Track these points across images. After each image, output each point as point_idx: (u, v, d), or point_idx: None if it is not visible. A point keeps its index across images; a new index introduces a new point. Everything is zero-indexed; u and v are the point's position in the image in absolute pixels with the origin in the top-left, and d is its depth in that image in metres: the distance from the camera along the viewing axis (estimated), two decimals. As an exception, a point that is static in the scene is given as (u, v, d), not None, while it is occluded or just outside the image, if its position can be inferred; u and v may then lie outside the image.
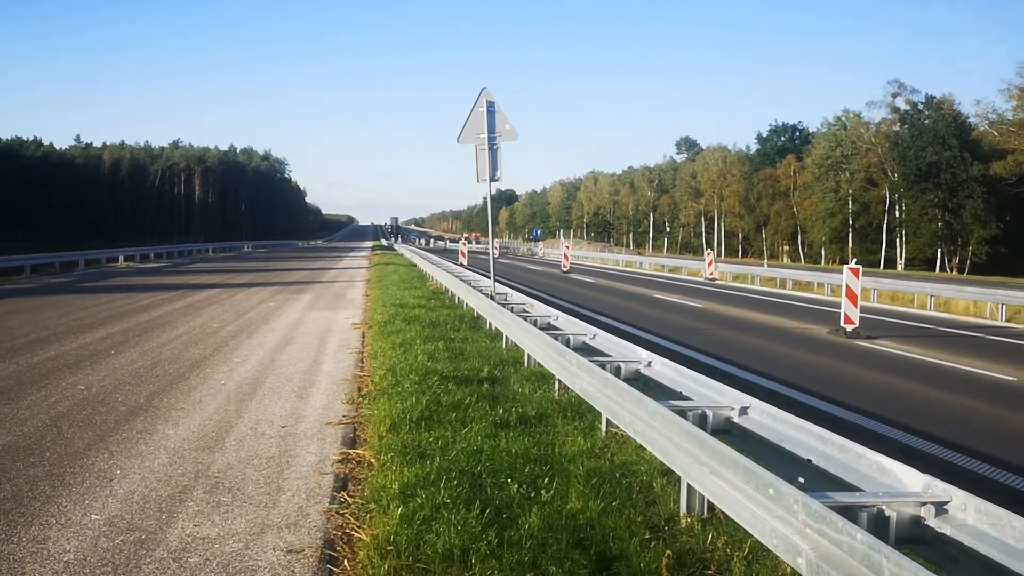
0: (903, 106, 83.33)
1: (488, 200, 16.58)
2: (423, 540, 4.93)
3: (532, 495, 5.83)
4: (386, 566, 4.58)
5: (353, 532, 5.28)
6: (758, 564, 4.73)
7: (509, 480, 6.04)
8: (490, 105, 15.28)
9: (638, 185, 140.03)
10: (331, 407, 8.98)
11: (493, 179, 15.58)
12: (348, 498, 5.93)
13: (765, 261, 79.49)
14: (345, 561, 4.83)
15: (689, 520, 5.47)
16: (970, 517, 3.74)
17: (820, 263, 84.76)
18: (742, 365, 12.97)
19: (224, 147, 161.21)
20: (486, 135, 15.25)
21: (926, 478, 4.07)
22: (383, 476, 6.21)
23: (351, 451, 7.16)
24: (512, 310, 13.76)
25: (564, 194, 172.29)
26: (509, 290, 18.46)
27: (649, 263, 58.73)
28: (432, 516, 5.28)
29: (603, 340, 10.09)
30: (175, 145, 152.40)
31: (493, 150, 15.43)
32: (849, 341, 16.57)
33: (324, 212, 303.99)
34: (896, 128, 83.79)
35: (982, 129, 78.02)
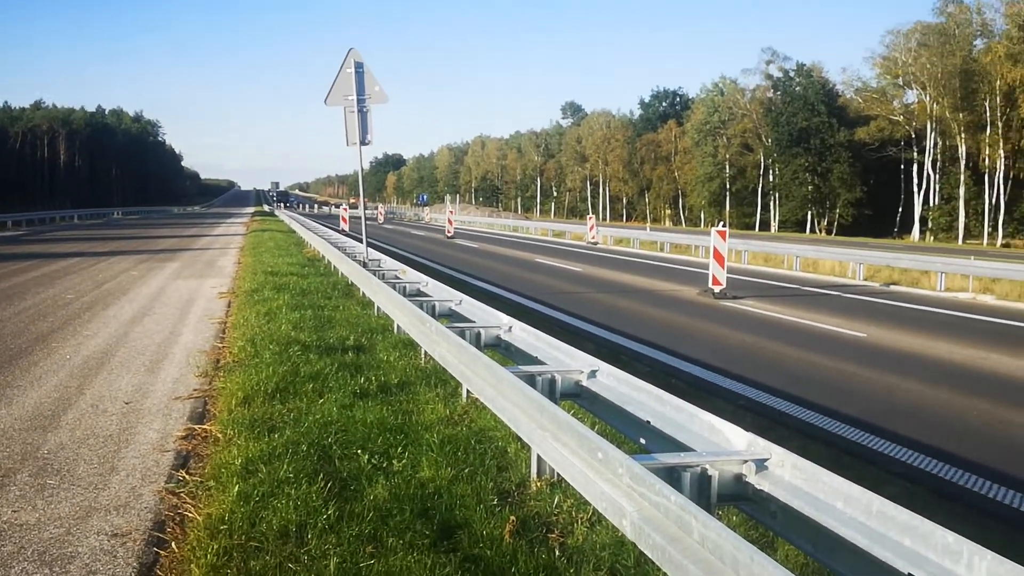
0: (776, 73, 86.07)
1: (359, 163, 16.22)
2: (259, 517, 4.77)
3: (384, 465, 5.73)
4: (216, 546, 4.40)
5: (187, 512, 5.06)
6: (600, 526, 4.77)
7: (360, 451, 5.92)
8: (359, 66, 14.88)
9: (525, 150, 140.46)
10: (183, 381, 8.62)
11: (364, 143, 15.22)
12: (187, 476, 5.69)
13: (648, 225, 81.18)
14: (174, 543, 4.63)
15: (539, 484, 5.48)
16: (787, 473, 3.84)
17: (700, 226, 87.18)
18: (611, 327, 13.17)
19: (91, 108, 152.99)
20: (355, 97, 14.86)
21: (750, 436, 4.17)
22: (227, 452, 5.98)
23: (197, 427, 6.88)
24: (383, 277, 13.55)
25: (452, 159, 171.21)
26: (383, 256, 18.19)
27: (535, 228, 59.13)
28: (272, 492, 5.12)
29: (469, 306, 10.03)
30: (37, 106, 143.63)
31: (363, 113, 15.06)
32: (716, 302, 17.06)
33: (203, 177, 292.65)
34: (770, 95, 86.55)
35: (848, 96, 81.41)
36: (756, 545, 2.95)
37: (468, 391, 7.36)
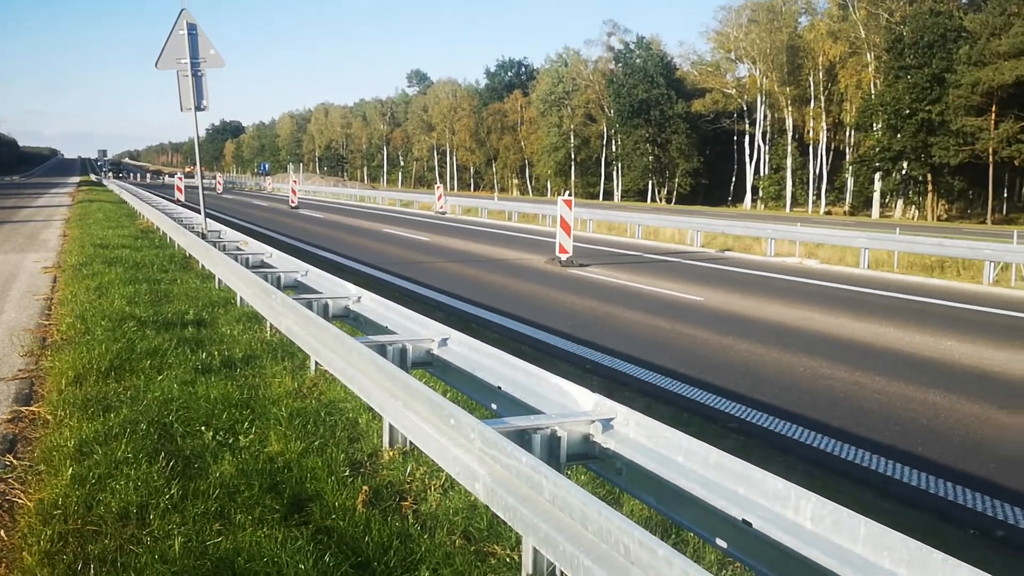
0: (617, 45, 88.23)
1: (195, 130, 15.50)
2: (96, 500, 4.53)
3: (230, 441, 5.57)
4: (50, 532, 4.15)
5: (16, 499, 4.75)
6: (453, 491, 4.82)
7: (204, 428, 5.72)
8: (191, 27, 14.17)
9: (371, 118, 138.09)
10: (6, 361, 8.04)
11: (199, 108, 14.56)
12: (14, 461, 5.33)
13: (495, 195, 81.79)
14: (2, 532, 4.34)
15: (391, 454, 5.46)
16: (631, 431, 3.99)
17: (547, 196, 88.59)
18: (461, 296, 13.24)
19: None
20: (188, 60, 14.16)
21: (597, 397, 4.30)
22: (58, 434, 5.64)
23: (24, 408, 6.45)
24: (224, 248, 13.05)
25: (294, 126, 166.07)
26: (223, 228, 17.51)
27: (383, 198, 58.43)
28: (110, 474, 4.88)
29: (315, 277, 9.83)
30: None
31: (197, 77, 14.38)
32: (563, 269, 17.44)
33: (21, 145, 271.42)
34: (611, 67, 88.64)
35: (685, 69, 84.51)
36: (605, 502, 3.06)
37: (317, 363, 7.23)
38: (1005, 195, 59.77)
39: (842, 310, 12.85)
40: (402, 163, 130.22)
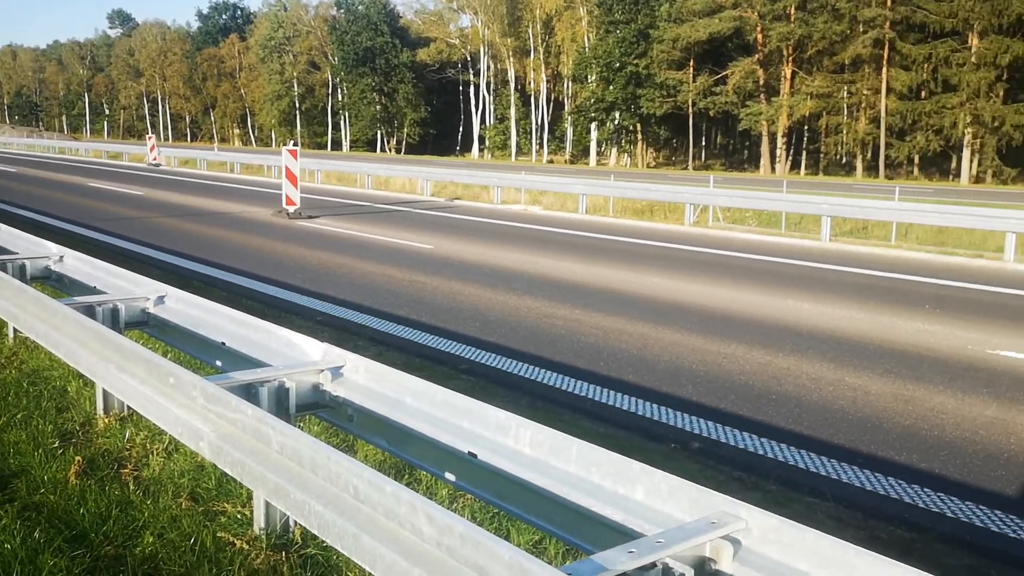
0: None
1: None
2: None
3: (-91, 425, 4.95)
4: None
5: None
6: (178, 454, 4.62)
7: None
8: None
9: (68, 62, 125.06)
10: None
11: None
12: None
13: (215, 145, 77.57)
14: None
15: (107, 421, 5.13)
16: (361, 377, 4.03)
17: (272, 146, 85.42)
18: (181, 252, 12.52)
19: None
20: None
21: (325, 346, 4.28)
22: None
23: None
24: None
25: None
26: None
27: (87, 149, 53.63)
28: None
29: (8, 236, 8.87)
30: None
31: None
32: (291, 222, 16.99)
33: None
34: (333, 12, 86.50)
35: (408, 18, 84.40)
36: (340, 450, 3.08)
37: (16, 330, 6.58)
38: (704, 143, 65.79)
39: (564, 253, 13.61)
40: (108, 112, 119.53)
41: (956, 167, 50.63)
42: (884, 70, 49.90)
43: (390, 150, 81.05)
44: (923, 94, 50.33)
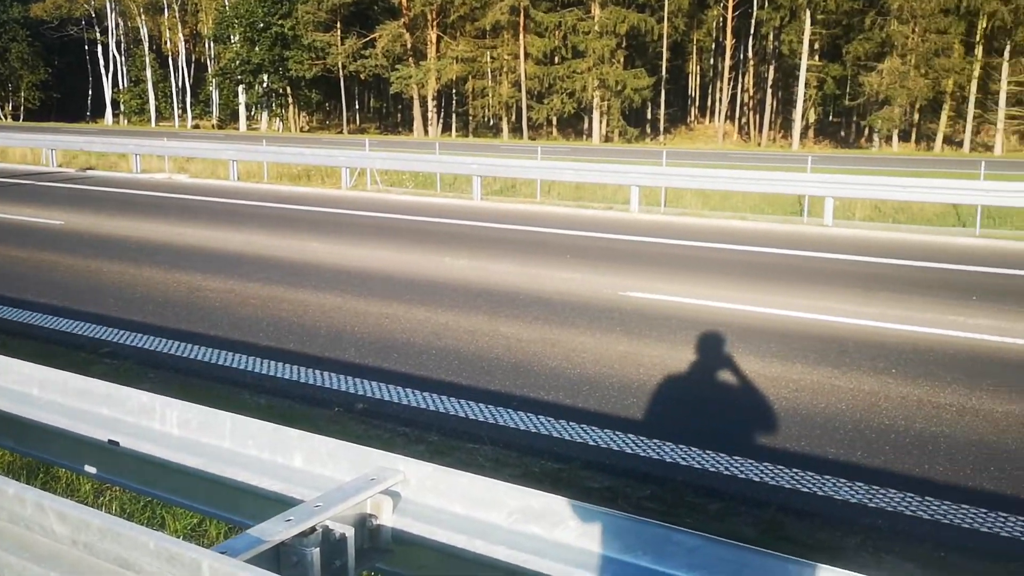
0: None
1: None
2: None
3: None
4: None
5: None
6: None
7: None
8: None
9: None
10: None
11: None
12: None
13: None
14: None
15: None
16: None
17: None
18: None
19: None
20: None
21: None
22: None
23: None
24: None
25: None
26: None
27: None
28: None
29: None
30: None
31: None
32: None
33: None
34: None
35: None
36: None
37: None
38: (357, 107, 65.69)
39: (216, 223, 12.96)
40: None
41: (588, 128, 55.30)
42: (522, 36, 52.98)
43: (7, 117, 71.64)
44: (556, 60, 54.23)
